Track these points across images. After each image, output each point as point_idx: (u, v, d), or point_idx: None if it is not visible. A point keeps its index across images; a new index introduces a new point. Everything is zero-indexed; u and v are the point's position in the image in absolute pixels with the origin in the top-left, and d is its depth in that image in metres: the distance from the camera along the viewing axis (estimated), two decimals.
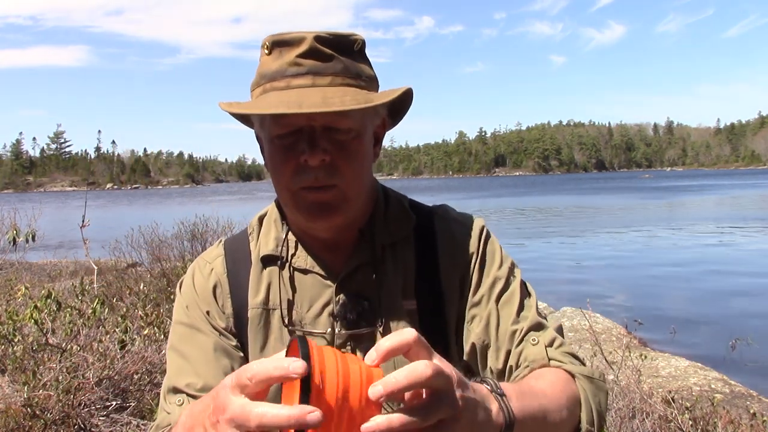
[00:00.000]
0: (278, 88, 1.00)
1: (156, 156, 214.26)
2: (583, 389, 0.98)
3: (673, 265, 13.45)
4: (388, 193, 1.18)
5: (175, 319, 1.12)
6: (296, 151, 0.98)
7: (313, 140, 0.97)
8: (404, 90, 1.04)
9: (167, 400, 1.05)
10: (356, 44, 1.04)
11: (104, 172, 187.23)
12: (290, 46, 1.00)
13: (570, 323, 7.00)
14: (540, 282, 10.96)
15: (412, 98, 1.11)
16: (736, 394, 5.02)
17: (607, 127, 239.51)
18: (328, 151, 0.97)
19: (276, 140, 1.01)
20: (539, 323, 1.06)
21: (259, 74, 1.04)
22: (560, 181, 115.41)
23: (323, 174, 0.98)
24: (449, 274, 1.10)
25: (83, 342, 3.91)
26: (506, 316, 1.06)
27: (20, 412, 3.29)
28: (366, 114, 1.03)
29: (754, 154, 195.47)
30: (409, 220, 1.13)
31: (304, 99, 0.95)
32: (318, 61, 0.99)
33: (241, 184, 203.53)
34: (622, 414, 3.38)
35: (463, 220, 1.16)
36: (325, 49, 1.00)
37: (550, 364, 1.01)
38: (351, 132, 1.00)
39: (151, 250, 8.95)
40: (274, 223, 1.15)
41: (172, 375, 1.07)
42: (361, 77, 1.03)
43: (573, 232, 21.14)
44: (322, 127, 0.98)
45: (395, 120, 1.15)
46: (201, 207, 12.08)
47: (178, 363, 1.07)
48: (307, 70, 0.99)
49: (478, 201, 47.05)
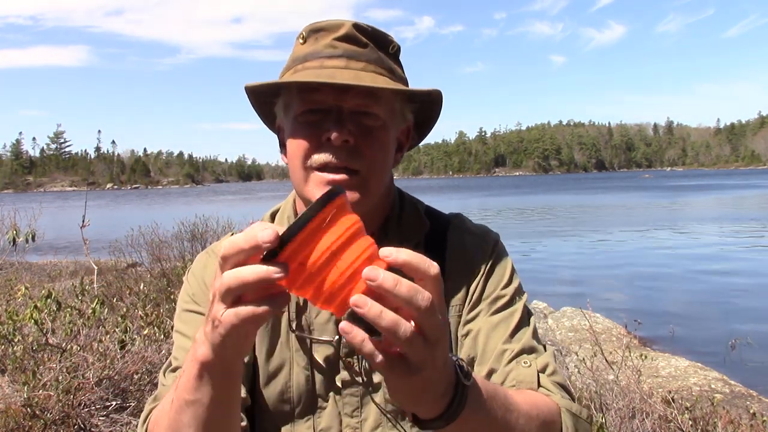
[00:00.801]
0: (310, 67, 0.98)
1: (156, 156, 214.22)
2: (566, 426, 0.93)
3: (673, 265, 13.44)
4: (404, 197, 1.15)
5: (182, 307, 1.10)
6: (321, 129, 0.96)
7: (341, 120, 0.95)
8: (434, 89, 1.02)
9: (166, 376, 1.04)
10: (392, 46, 1.03)
11: (104, 172, 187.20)
12: (327, 31, 0.99)
13: (570, 323, 7.00)
14: (540, 282, 10.99)
15: (440, 109, 1.08)
16: (736, 394, 5.02)
17: (607, 127, 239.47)
18: (353, 134, 0.95)
19: (301, 117, 0.99)
20: (533, 347, 1.02)
21: (291, 59, 1.02)
22: (560, 181, 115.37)
23: (345, 155, 0.95)
24: (455, 285, 1.07)
25: (83, 342, 3.90)
26: (498, 335, 1.02)
27: (20, 412, 3.29)
28: (394, 111, 1.02)
29: (754, 154, 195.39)
30: (422, 226, 1.11)
31: (336, 75, 0.94)
32: (354, 46, 0.98)
33: (241, 184, 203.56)
34: (622, 414, 3.37)
35: (478, 232, 1.13)
36: (362, 37, 0.99)
37: (538, 390, 0.96)
38: (379, 120, 0.98)
39: (151, 250, 8.94)
40: (287, 219, 1.12)
41: (176, 354, 1.06)
42: (393, 73, 1.02)
43: (573, 232, 21.12)
44: (351, 110, 0.96)
45: (420, 132, 1.13)
46: (201, 207, 12.09)
47: (182, 343, 1.05)
48: (342, 52, 0.98)
49: (478, 201, 47.04)
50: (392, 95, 1.00)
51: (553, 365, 1.01)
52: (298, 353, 1.06)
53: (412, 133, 1.11)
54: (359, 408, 1.03)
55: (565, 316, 7.32)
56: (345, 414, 1.03)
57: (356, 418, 1.03)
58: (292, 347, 1.06)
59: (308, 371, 1.05)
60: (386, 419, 1.02)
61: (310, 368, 1.05)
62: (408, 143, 1.10)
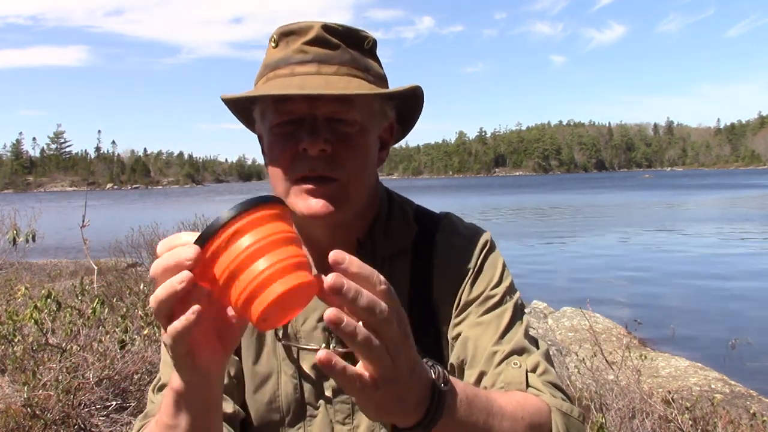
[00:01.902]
0: (281, 75, 0.96)
1: (156, 156, 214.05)
2: (557, 425, 0.89)
3: (673, 264, 13.44)
4: (392, 198, 1.12)
5: None
6: (296, 140, 0.94)
7: (314, 128, 0.93)
8: (412, 86, 0.99)
9: (155, 393, 1.04)
10: (367, 42, 1.00)
11: (104, 172, 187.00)
12: (297, 35, 0.97)
13: (570, 323, 7.00)
14: (540, 282, 11.00)
15: (422, 102, 1.05)
16: (736, 394, 5.02)
17: (607, 127, 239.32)
18: (330, 141, 0.93)
19: (275, 128, 0.97)
20: (523, 347, 0.98)
21: (263, 65, 1.00)
22: (560, 181, 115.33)
23: (322, 164, 0.93)
24: (443, 288, 1.04)
25: (83, 342, 3.90)
26: (488, 336, 0.99)
27: (20, 412, 3.29)
28: (373, 112, 0.99)
29: (754, 154, 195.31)
30: (410, 229, 1.08)
31: (306, 83, 0.92)
32: (324, 49, 0.95)
33: (241, 184, 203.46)
34: (622, 414, 3.37)
35: (466, 233, 1.10)
36: (332, 39, 0.96)
37: (527, 391, 0.93)
38: (356, 125, 0.95)
39: (151, 250, 8.95)
40: None
41: (163, 370, 1.05)
42: (369, 71, 0.99)
43: (573, 232, 21.12)
44: (325, 116, 0.94)
45: (405, 127, 1.10)
46: (202, 207, 12.08)
47: (167, 359, 1.04)
48: (312, 57, 0.95)
49: (478, 200, 47.00)
50: (369, 96, 0.97)
51: (544, 364, 0.98)
52: (285, 362, 1.05)
53: (395, 127, 1.08)
54: (351, 415, 1.02)
55: (565, 316, 7.31)
56: (337, 421, 1.02)
57: (348, 425, 1.02)
58: (279, 356, 1.05)
59: (296, 380, 1.04)
60: (379, 425, 1.01)
61: (298, 377, 1.04)
62: (392, 139, 1.08)
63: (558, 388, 0.96)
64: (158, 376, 1.07)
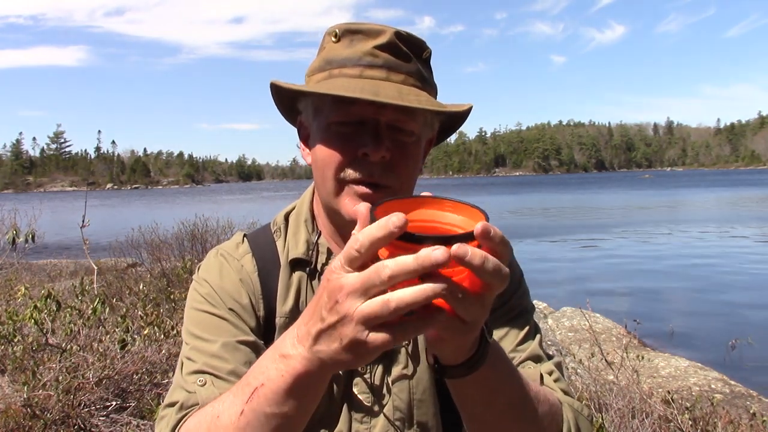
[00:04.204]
0: (349, 75, 0.96)
1: (156, 156, 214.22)
2: (567, 419, 0.93)
3: (673, 264, 13.44)
4: None
5: (194, 306, 1.04)
6: (356, 143, 0.94)
7: (379, 135, 0.94)
8: (469, 106, 1.02)
9: (187, 380, 0.97)
10: (426, 52, 1.02)
11: (104, 172, 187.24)
12: (366, 36, 0.97)
13: (570, 323, 6.99)
14: (540, 282, 10.99)
15: (465, 121, 1.08)
16: (736, 394, 5.02)
17: (607, 127, 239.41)
18: (389, 149, 0.94)
19: (334, 126, 0.97)
20: (539, 356, 1.03)
21: (325, 60, 0.99)
22: (560, 181, 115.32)
23: (379, 171, 0.94)
24: None
25: (83, 342, 3.90)
26: (506, 344, 1.03)
27: (20, 412, 3.29)
28: (426, 124, 1.01)
29: (754, 154, 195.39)
30: None
31: (380, 90, 0.92)
32: (395, 57, 0.96)
33: (241, 184, 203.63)
34: (622, 414, 3.37)
35: None
36: (403, 47, 0.97)
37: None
38: (413, 135, 0.98)
39: (151, 250, 8.95)
40: (305, 224, 1.09)
41: (194, 357, 0.99)
42: (429, 83, 1.01)
43: (573, 232, 21.11)
44: (388, 124, 0.95)
45: (439, 139, 1.13)
46: (201, 207, 12.08)
47: (200, 346, 0.99)
48: (383, 62, 0.96)
49: (478, 200, 46.89)
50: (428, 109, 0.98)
51: (557, 373, 1.02)
52: None
53: (434, 140, 1.10)
54: (368, 415, 1.04)
55: (565, 316, 7.31)
56: (355, 420, 1.04)
57: (365, 424, 1.03)
58: None
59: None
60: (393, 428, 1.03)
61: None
62: (430, 148, 1.10)
63: (569, 395, 1.00)
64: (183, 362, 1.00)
